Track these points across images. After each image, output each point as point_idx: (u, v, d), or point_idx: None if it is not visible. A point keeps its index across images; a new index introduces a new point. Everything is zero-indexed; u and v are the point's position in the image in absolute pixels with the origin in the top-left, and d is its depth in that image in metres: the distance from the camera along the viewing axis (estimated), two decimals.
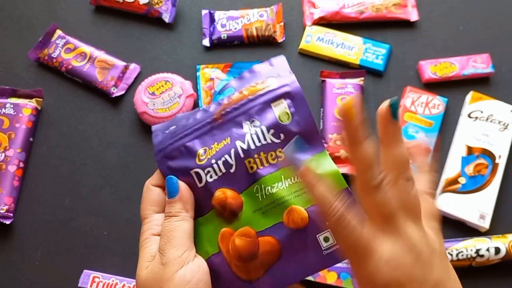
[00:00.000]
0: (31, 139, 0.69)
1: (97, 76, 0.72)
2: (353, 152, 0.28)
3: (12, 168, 0.66)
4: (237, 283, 0.33)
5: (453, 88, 0.72)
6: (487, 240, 0.60)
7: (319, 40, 0.74)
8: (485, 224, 0.62)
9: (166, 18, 0.76)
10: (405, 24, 0.76)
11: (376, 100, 0.71)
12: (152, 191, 0.36)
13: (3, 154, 0.66)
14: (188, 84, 0.70)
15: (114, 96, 0.71)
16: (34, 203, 0.66)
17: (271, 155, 0.32)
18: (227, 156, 0.33)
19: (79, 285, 0.61)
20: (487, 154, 0.65)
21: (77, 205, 0.66)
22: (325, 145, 0.33)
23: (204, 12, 0.77)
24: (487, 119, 0.67)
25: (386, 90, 0.72)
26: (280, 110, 0.33)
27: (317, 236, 0.32)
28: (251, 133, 0.33)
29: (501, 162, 0.65)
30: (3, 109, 0.69)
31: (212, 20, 0.76)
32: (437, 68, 0.72)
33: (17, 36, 0.77)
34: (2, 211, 0.63)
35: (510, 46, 0.75)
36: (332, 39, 0.74)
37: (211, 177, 0.33)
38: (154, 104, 0.68)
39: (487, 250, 0.59)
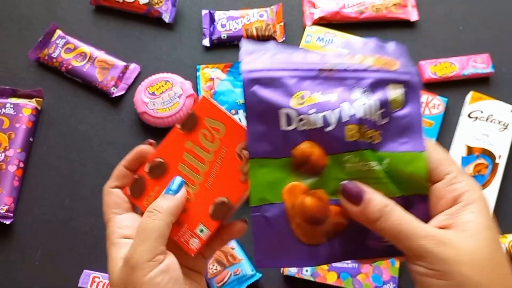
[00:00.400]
0: (31, 139, 0.69)
1: (97, 76, 0.72)
2: None
3: (12, 168, 0.66)
4: (291, 241, 0.31)
5: (453, 88, 0.72)
6: None
7: (319, 40, 0.74)
8: None
9: (166, 18, 0.76)
10: (405, 24, 0.76)
11: None
12: (111, 194, 0.35)
13: (3, 154, 0.66)
14: (188, 84, 0.70)
15: (114, 96, 0.71)
16: (34, 203, 0.66)
17: (371, 133, 0.30)
18: (329, 113, 0.30)
19: (79, 285, 0.61)
20: (487, 154, 0.65)
21: (77, 205, 0.66)
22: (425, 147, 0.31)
23: (204, 12, 0.77)
24: (487, 119, 0.67)
25: None
26: (395, 95, 0.31)
27: None
28: (361, 102, 0.30)
29: (501, 162, 0.65)
30: (3, 109, 0.69)
31: (212, 20, 0.76)
32: (437, 68, 0.72)
33: (17, 36, 0.77)
34: (2, 211, 0.63)
35: (510, 46, 0.75)
36: (332, 39, 0.74)
37: (303, 125, 0.30)
38: (154, 104, 0.68)
39: None
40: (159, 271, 0.30)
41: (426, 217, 0.30)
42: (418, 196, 0.31)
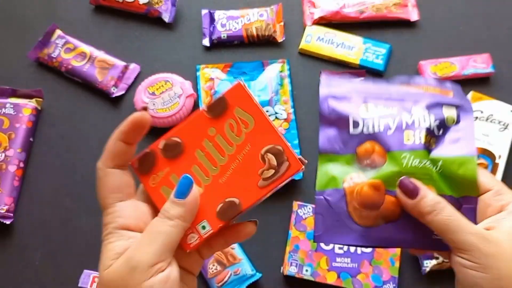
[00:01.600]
0: (31, 139, 0.69)
1: (97, 76, 0.72)
2: None
3: (12, 168, 0.66)
4: (347, 221, 0.35)
5: None
6: None
7: (319, 40, 0.74)
8: None
9: (166, 18, 0.76)
10: (405, 24, 0.76)
11: None
12: (111, 175, 0.31)
13: (3, 154, 0.66)
14: (188, 84, 0.70)
15: (114, 96, 0.71)
16: (34, 203, 0.66)
17: (427, 138, 0.35)
18: (389, 120, 0.35)
19: (79, 285, 0.61)
20: (487, 154, 0.65)
21: (77, 205, 0.66)
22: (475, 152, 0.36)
23: (204, 12, 0.77)
24: (487, 119, 0.67)
25: None
26: (449, 114, 0.36)
27: None
28: (419, 114, 0.36)
29: (501, 162, 0.65)
30: (3, 109, 0.69)
31: (212, 20, 0.76)
32: (437, 68, 0.72)
33: (17, 36, 0.77)
34: (2, 211, 0.63)
35: (510, 46, 0.75)
36: (332, 39, 0.74)
37: (367, 129, 0.35)
38: (154, 104, 0.68)
39: None
40: (157, 281, 0.28)
41: (473, 219, 0.34)
42: (467, 198, 0.35)
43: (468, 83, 0.71)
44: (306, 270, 0.59)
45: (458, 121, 0.36)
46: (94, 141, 0.69)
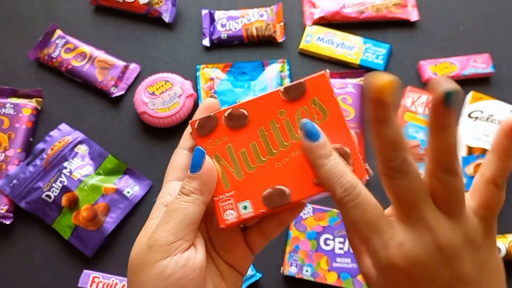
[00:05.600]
0: (31, 139, 0.69)
1: (97, 76, 0.72)
2: (377, 130, 0.26)
3: (12, 168, 0.66)
4: None
5: None
6: None
7: (319, 40, 0.74)
8: None
9: (166, 18, 0.76)
10: (405, 24, 0.76)
11: None
12: (179, 154, 0.31)
13: (3, 154, 0.66)
14: (188, 84, 0.70)
15: (114, 96, 0.71)
16: None
17: None
18: None
19: (79, 285, 0.61)
20: None
21: None
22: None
23: (204, 12, 0.77)
24: (487, 119, 0.67)
25: None
26: None
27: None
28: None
29: None
30: (3, 109, 0.69)
31: (212, 20, 0.76)
32: (437, 68, 0.72)
33: (17, 36, 0.77)
34: (2, 211, 0.63)
35: (510, 46, 0.75)
36: (332, 39, 0.74)
37: None
38: (154, 104, 0.68)
39: None
40: (174, 261, 0.27)
41: None
42: None
43: (468, 83, 0.71)
44: (306, 271, 0.59)
45: None
46: (94, 141, 0.69)
